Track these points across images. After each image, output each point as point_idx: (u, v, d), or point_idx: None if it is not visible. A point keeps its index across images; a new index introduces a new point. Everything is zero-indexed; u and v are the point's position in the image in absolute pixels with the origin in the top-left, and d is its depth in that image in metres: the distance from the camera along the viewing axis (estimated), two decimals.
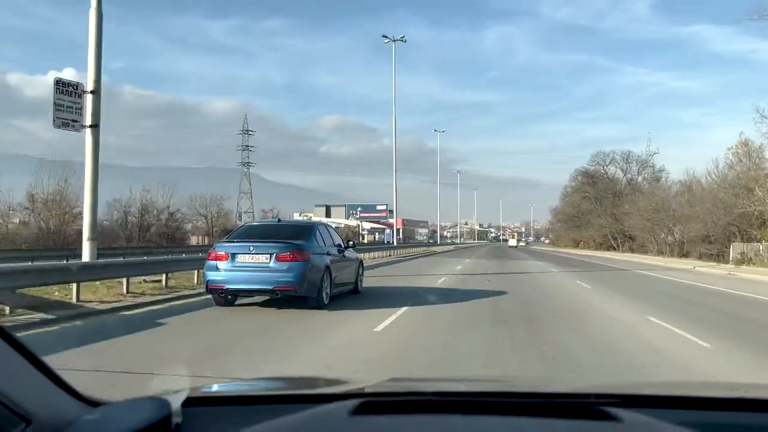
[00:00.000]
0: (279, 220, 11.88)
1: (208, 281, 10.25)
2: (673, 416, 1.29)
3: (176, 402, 1.30)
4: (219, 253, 10.29)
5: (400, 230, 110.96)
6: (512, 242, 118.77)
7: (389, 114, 45.33)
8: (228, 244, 10.48)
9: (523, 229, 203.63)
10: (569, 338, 7.97)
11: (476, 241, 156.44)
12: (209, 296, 10.60)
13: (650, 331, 9.05)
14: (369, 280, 15.13)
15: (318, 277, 10.33)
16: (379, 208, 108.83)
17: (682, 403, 1.48)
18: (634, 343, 7.90)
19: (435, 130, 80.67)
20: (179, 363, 6.14)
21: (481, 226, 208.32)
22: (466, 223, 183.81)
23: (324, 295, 10.51)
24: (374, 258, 34.18)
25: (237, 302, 10.83)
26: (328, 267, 10.82)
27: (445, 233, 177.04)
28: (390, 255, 39.71)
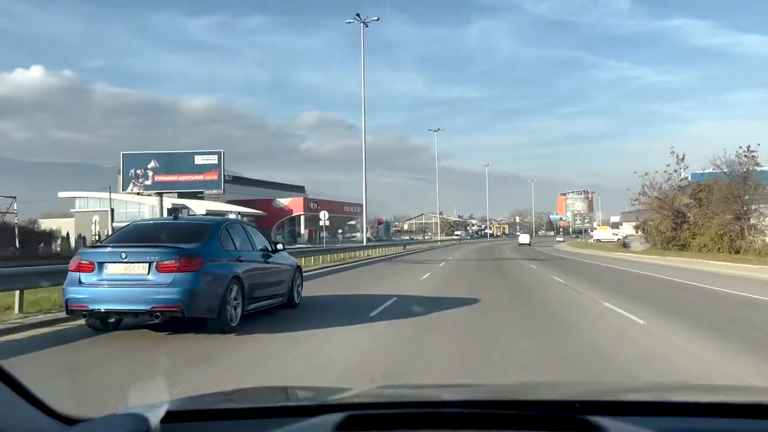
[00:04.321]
0: (175, 217, 9.28)
1: (67, 300, 7.60)
2: (659, 424, 1.30)
3: (155, 417, 1.27)
4: (83, 262, 7.63)
5: (300, 218, 68.29)
6: (524, 238, 76.23)
7: (371, 111, 41.98)
8: (94, 251, 7.82)
9: (517, 219, 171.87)
10: None
11: (442, 238, 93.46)
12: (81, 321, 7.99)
13: None
14: None
15: (219, 291, 7.76)
16: (201, 162, 46.71)
17: (667, 410, 1.46)
18: None
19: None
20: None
21: (460, 217, 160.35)
22: (441, 213, 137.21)
23: (230, 316, 7.95)
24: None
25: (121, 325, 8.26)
26: (237, 277, 8.26)
27: (405, 227, 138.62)
28: None
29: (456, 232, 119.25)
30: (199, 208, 54.20)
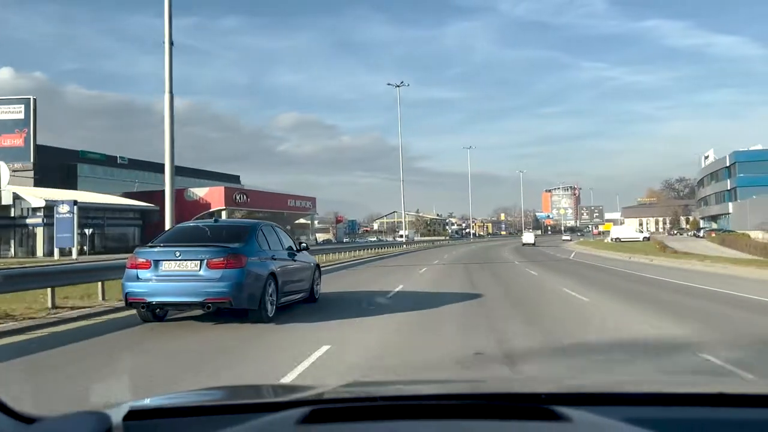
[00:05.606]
0: (216, 220, 10.33)
1: (126, 293, 8.60)
2: (622, 413, 1.30)
3: (117, 416, 1.26)
4: (139, 260, 8.64)
5: (222, 213, 50.55)
6: (528, 237, 68.15)
7: (349, 112, 41.45)
8: (150, 250, 8.82)
9: (502, 216, 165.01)
10: None
11: (409, 239, 71.81)
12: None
13: None
14: None
15: (259, 286, 8.78)
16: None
17: (631, 400, 1.50)
18: None
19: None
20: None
21: (438, 215, 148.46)
22: (417, 211, 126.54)
23: (268, 307, 8.97)
24: None
25: (168, 316, 9.27)
26: (273, 274, 9.28)
27: (375, 226, 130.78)
28: None
29: (400, 232, 79.94)
30: (35, 200, 42.29)
